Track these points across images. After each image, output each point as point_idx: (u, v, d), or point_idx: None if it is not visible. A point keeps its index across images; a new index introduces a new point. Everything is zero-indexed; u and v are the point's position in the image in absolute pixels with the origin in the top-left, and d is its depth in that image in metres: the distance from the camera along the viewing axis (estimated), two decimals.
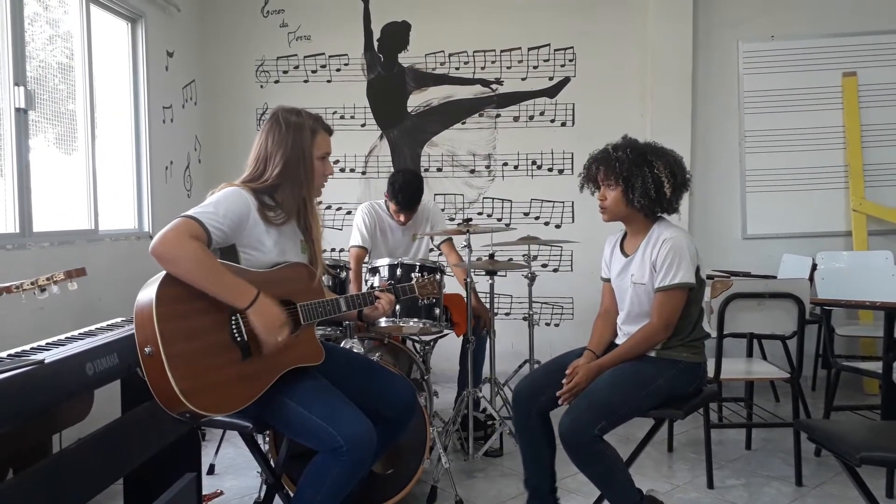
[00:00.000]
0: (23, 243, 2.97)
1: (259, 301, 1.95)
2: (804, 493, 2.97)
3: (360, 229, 3.65)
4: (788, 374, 3.16)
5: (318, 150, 2.17)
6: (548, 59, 4.87)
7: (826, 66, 4.70)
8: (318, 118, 2.21)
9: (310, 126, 2.16)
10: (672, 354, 2.40)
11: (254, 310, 1.94)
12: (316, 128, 2.17)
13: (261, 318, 1.95)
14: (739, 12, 4.77)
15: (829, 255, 4.34)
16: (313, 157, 2.15)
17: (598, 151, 2.49)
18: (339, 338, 3.00)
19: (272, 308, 1.98)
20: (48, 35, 3.47)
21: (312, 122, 2.17)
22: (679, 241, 2.36)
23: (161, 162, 4.28)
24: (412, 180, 3.52)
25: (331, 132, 2.24)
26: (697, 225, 4.71)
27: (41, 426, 2.16)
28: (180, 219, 1.94)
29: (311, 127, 2.16)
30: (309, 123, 2.16)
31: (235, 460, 3.38)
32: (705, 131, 4.80)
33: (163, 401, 1.82)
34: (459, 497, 2.84)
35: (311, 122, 2.17)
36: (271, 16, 4.96)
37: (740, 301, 3.04)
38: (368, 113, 4.96)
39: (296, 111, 2.18)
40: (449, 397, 3.98)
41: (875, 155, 4.65)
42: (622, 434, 2.50)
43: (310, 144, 2.14)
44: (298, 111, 2.18)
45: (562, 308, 4.93)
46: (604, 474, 2.30)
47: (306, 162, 2.14)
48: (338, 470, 1.99)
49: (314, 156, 2.16)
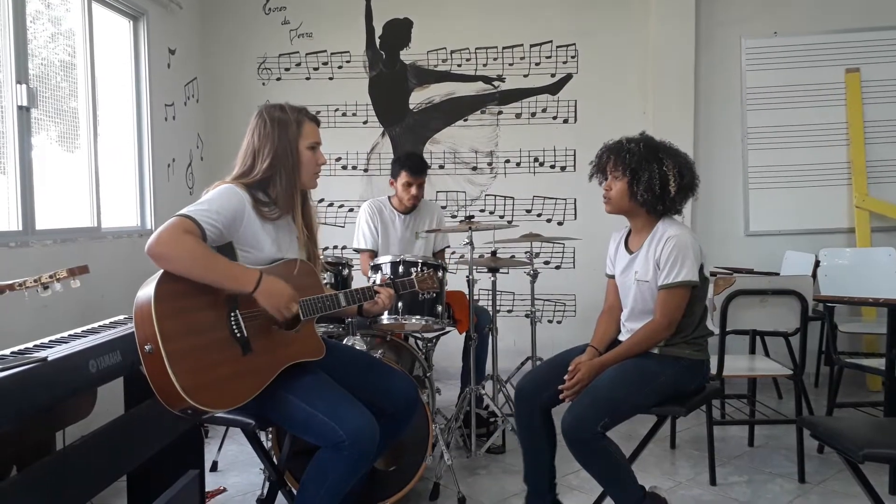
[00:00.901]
0: (25, 241, 2.97)
1: (264, 281, 1.97)
2: (807, 489, 2.97)
3: (364, 231, 3.65)
4: (791, 371, 3.16)
5: (305, 140, 2.17)
6: (550, 55, 4.86)
7: (829, 63, 4.68)
8: (302, 109, 2.21)
9: (294, 118, 2.16)
10: (675, 351, 2.40)
11: (260, 291, 1.96)
12: (301, 119, 2.18)
13: (269, 298, 1.97)
14: (742, 9, 4.75)
15: (832, 251, 4.33)
16: (300, 149, 2.16)
17: (612, 142, 2.50)
18: (342, 335, 3.00)
19: (278, 285, 2.00)
20: (50, 33, 3.47)
21: (297, 115, 2.18)
22: (683, 239, 2.36)
23: (163, 159, 4.29)
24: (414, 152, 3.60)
25: (318, 122, 2.25)
26: (700, 222, 4.71)
27: (44, 423, 2.17)
28: (174, 218, 1.94)
29: (297, 119, 2.17)
30: (293, 116, 2.17)
31: (238, 457, 3.38)
32: (708, 128, 4.79)
33: (164, 398, 1.82)
34: (462, 494, 2.85)
35: (295, 114, 2.18)
36: (273, 13, 4.96)
37: (743, 298, 3.04)
38: (370, 110, 4.96)
39: (279, 107, 2.19)
40: (451, 394, 3.99)
41: (878, 151, 4.64)
42: (625, 431, 2.50)
43: (296, 136, 2.15)
44: (282, 106, 2.19)
45: (564, 305, 4.93)
46: (606, 471, 2.30)
47: (294, 154, 2.14)
48: (340, 465, 1.99)
49: (302, 146, 2.16)
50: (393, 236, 3.69)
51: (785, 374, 3.20)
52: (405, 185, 3.58)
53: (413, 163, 3.59)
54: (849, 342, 4.54)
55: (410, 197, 3.61)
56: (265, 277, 1.98)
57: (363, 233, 3.66)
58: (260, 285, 1.96)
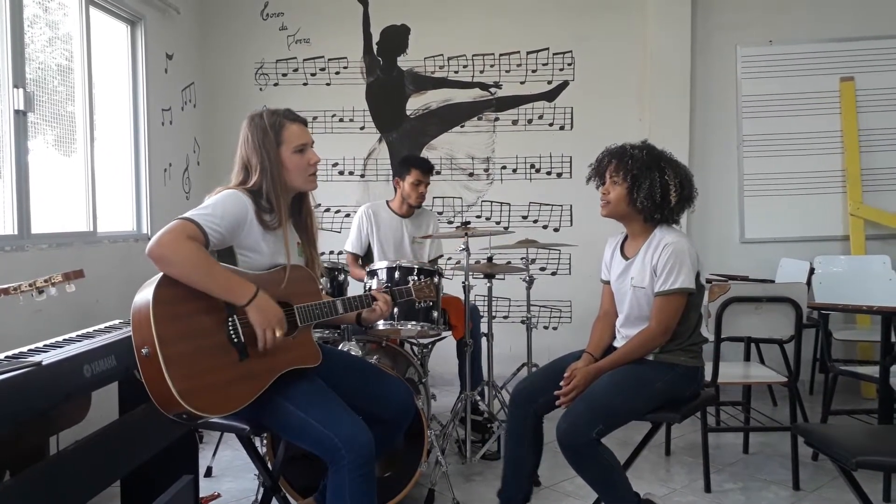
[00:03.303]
0: (21, 245, 2.97)
1: (258, 297, 1.96)
2: (801, 497, 2.97)
3: (354, 235, 3.81)
4: (786, 378, 3.16)
5: (288, 144, 2.13)
6: (547, 62, 4.88)
7: (824, 71, 4.71)
8: (284, 112, 2.16)
9: (272, 124, 2.12)
10: (670, 358, 2.40)
11: (253, 306, 1.95)
12: (281, 123, 2.13)
13: (260, 314, 1.96)
14: (738, 17, 4.78)
15: (827, 259, 4.35)
16: (283, 156, 2.12)
17: (615, 146, 2.51)
18: (337, 340, 3.00)
19: (271, 304, 1.99)
20: (48, 37, 3.47)
21: (278, 119, 2.14)
22: (681, 246, 2.36)
23: (160, 164, 4.28)
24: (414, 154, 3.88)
25: (303, 122, 2.20)
26: (695, 229, 4.72)
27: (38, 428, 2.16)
28: (177, 221, 1.94)
29: (276, 125, 2.12)
30: (271, 122, 2.12)
31: (233, 463, 3.37)
32: (703, 135, 4.81)
33: (159, 402, 1.82)
34: (457, 500, 2.84)
35: (274, 119, 2.13)
36: (271, 19, 4.97)
37: (738, 305, 3.05)
38: (367, 116, 4.97)
39: (260, 114, 2.16)
40: (446, 400, 3.98)
41: (873, 159, 4.66)
42: (620, 437, 2.50)
43: (275, 143, 2.11)
44: (261, 114, 2.15)
45: (560, 311, 4.93)
46: (601, 477, 2.30)
47: (276, 162, 2.11)
48: (348, 478, 1.97)
49: (285, 153, 2.12)
50: (390, 239, 3.71)
51: (779, 382, 3.21)
52: (414, 183, 3.68)
53: (423, 162, 3.77)
54: (843, 350, 4.56)
55: (419, 196, 3.71)
56: (261, 294, 1.97)
57: (353, 237, 3.82)
58: (254, 301, 1.95)
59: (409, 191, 3.69)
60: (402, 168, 3.73)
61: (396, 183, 3.74)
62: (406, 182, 3.68)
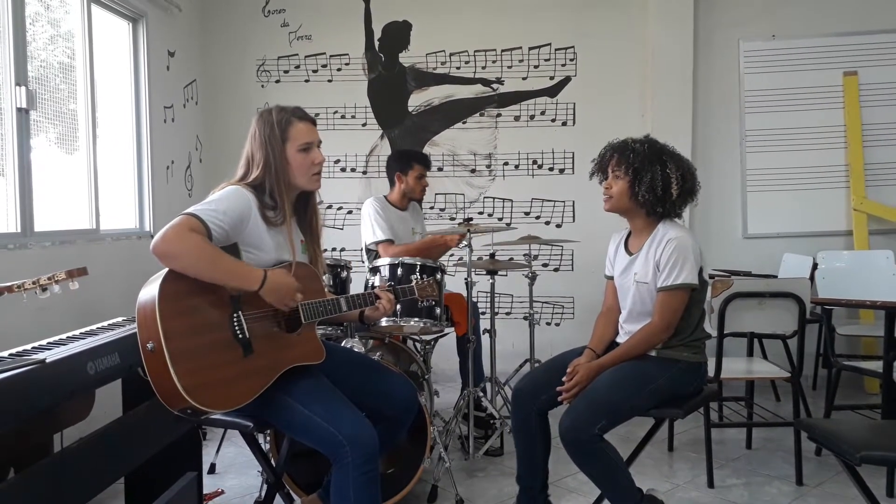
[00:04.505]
0: (24, 243, 2.97)
1: (269, 279, 1.97)
2: (804, 492, 2.97)
3: (380, 222, 3.55)
4: (789, 374, 3.16)
5: (294, 142, 2.12)
6: (548, 58, 4.87)
7: (827, 66, 4.70)
8: (293, 110, 2.16)
9: (279, 120, 2.12)
10: (673, 354, 2.40)
11: (266, 289, 1.97)
12: (289, 121, 2.13)
13: (275, 294, 1.99)
14: (740, 12, 4.77)
15: (830, 254, 4.34)
16: (288, 154, 2.12)
17: (617, 140, 2.51)
18: (340, 337, 3.00)
19: (282, 280, 2.01)
20: (49, 35, 3.47)
21: (286, 116, 2.13)
22: (684, 242, 2.36)
23: (162, 161, 4.29)
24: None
25: (312, 121, 2.19)
26: (698, 224, 4.71)
27: (42, 425, 2.16)
28: (181, 216, 1.94)
29: (284, 122, 2.12)
30: (279, 118, 2.12)
31: (236, 459, 3.38)
32: (706, 130, 4.80)
33: (164, 397, 1.83)
34: (460, 496, 2.85)
35: (282, 116, 2.13)
36: (272, 15, 4.96)
37: (741, 300, 3.04)
38: (369, 112, 4.96)
39: (269, 110, 2.15)
40: (449, 396, 3.99)
41: (876, 154, 4.65)
42: (622, 433, 2.50)
43: (282, 141, 2.11)
44: (271, 110, 2.15)
45: (562, 307, 4.93)
46: (604, 473, 2.30)
47: (280, 160, 2.11)
48: (352, 475, 1.97)
49: (290, 151, 2.12)
50: (398, 232, 3.71)
51: (783, 377, 3.20)
52: (419, 177, 3.71)
53: (424, 156, 3.84)
54: (847, 345, 4.55)
55: (422, 188, 3.76)
56: (270, 274, 1.99)
57: (378, 225, 3.55)
58: (266, 283, 1.96)
59: (413, 185, 3.69)
60: (403, 163, 3.72)
61: (397, 177, 3.72)
62: (410, 176, 3.68)
